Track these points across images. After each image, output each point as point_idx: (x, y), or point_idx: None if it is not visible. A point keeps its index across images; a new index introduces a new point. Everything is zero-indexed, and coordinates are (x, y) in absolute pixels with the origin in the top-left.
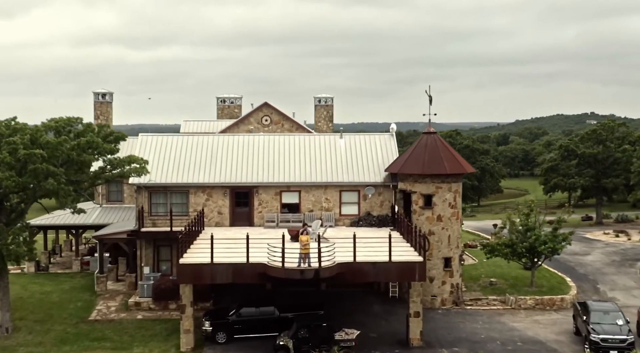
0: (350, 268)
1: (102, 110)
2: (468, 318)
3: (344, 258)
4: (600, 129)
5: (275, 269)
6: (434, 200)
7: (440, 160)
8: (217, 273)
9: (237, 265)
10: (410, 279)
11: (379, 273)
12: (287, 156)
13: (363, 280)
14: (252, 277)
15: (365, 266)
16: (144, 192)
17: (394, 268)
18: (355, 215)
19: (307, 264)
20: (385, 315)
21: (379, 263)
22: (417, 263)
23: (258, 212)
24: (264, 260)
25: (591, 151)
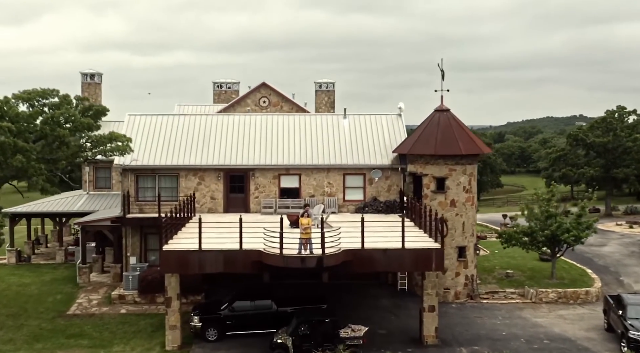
0: (358, 256)
1: (91, 92)
2: (485, 313)
3: (350, 245)
4: (610, 117)
5: (272, 257)
6: (447, 184)
7: (454, 140)
8: (206, 262)
9: (228, 253)
10: (426, 268)
11: (390, 262)
12: (286, 137)
13: (372, 269)
14: (245, 266)
15: (375, 253)
16: (130, 175)
17: (407, 256)
18: (360, 200)
19: (309, 251)
20: (395, 310)
21: (391, 250)
22: (433, 250)
23: (254, 197)
24: (259, 247)
25: (601, 140)
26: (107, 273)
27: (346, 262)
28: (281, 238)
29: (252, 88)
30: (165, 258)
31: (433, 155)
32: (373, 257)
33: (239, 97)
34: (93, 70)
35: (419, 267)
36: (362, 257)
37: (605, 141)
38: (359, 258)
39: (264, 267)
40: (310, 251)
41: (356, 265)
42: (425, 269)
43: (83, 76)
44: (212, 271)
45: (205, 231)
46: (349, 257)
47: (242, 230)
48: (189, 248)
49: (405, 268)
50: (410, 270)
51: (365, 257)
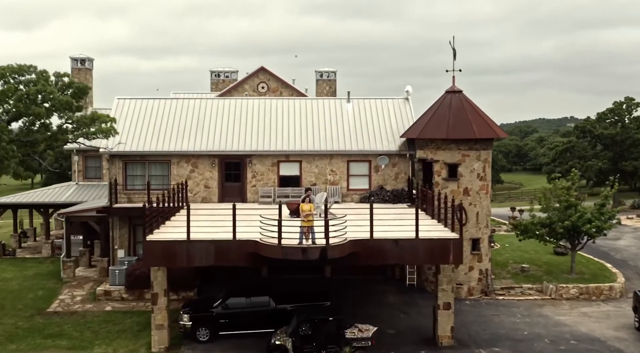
0: (366, 247)
1: (80, 78)
2: (503, 311)
3: (357, 235)
4: (618, 108)
5: (269, 248)
6: (460, 171)
7: (468, 123)
8: (195, 253)
9: (220, 243)
10: (443, 261)
11: (402, 254)
12: (286, 122)
13: (381, 262)
14: (240, 259)
15: (386, 244)
16: (117, 162)
17: (421, 248)
18: (366, 189)
19: (311, 241)
20: (404, 307)
21: (403, 240)
22: (451, 240)
23: (252, 185)
24: (255, 238)
25: (609, 132)
26: (95, 268)
27: (353, 254)
28: (280, 226)
29: (249, 73)
30: (149, 249)
31: (445, 140)
32: (383, 248)
33: (236, 83)
34: (83, 55)
35: (434, 260)
36: (370, 248)
37: (614, 133)
38: (367, 250)
39: (260, 259)
40: (313, 241)
41: (364, 257)
42: (441, 262)
43: (73, 61)
44: (202, 264)
45: (197, 221)
46: (356, 248)
47: (237, 219)
48: (176, 238)
49: (418, 260)
50: (425, 263)
51: (375, 248)
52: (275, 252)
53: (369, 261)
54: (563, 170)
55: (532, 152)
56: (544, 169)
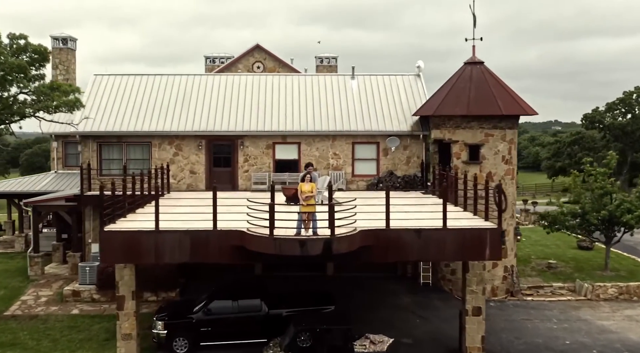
0: (381, 239)
1: (62, 59)
2: (534, 314)
3: (369, 224)
4: (628, 98)
5: (258, 240)
6: (483, 152)
7: (492, 98)
8: (166, 247)
9: (197, 234)
10: (477, 256)
11: (426, 248)
12: (282, 99)
13: (400, 258)
14: (222, 253)
15: (405, 235)
16: (91, 144)
17: (451, 240)
18: (373, 175)
19: (312, 231)
20: (420, 310)
21: (427, 231)
22: (487, 231)
23: (244, 171)
24: (242, 227)
25: (619, 122)
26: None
27: (364, 249)
28: (272, 212)
29: (244, 52)
30: (106, 242)
31: (465, 117)
32: (402, 240)
33: (229, 62)
34: (65, 34)
35: (466, 254)
36: (386, 241)
37: (625, 123)
38: (382, 243)
39: (248, 255)
40: (314, 232)
41: (377, 252)
42: (475, 257)
43: (54, 41)
44: (175, 260)
45: (176, 209)
46: (367, 240)
47: (225, 208)
48: (141, 228)
49: (446, 256)
50: (454, 258)
51: (392, 241)
52: (266, 246)
53: (383, 257)
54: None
55: (525, 150)
56: (544, 164)
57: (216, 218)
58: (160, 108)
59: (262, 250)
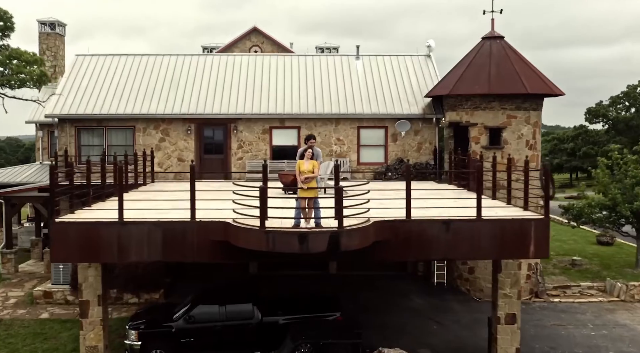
0: (400, 232)
1: (49, 44)
2: (566, 318)
3: (384, 214)
4: (632, 92)
5: (246, 233)
6: (505, 136)
7: (515, 75)
8: (132, 242)
9: (171, 226)
10: (520, 253)
11: (456, 243)
12: (280, 80)
13: (424, 255)
14: (201, 250)
15: (431, 228)
16: (68, 129)
17: (487, 233)
18: (381, 163)
19: (314, 223)
20: (436, 314)
21: (458, 222)
22: (532, 222)
23: (237, 158)
24: (228, 218)
25: (624, 116)
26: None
27: (379, 245)
28: (263, 197)
29: (240, 35)
30: (57, 235)
31: (485, 96)
32: (427, 234)
33: (224, 46)
34: (52, 18)
35: (505, 251)
36: (407, 235)
37: (629, 117)
38: (403, 237)
39: (235, 253)
40: (317, 223)
41: (396, 249)
42: (517, 255)
43: (41, 25)
44: (142, 258)
45: (154, 200)
46: (384, 234)
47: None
48: (101, 218)
49: (481, 253)
50: (489, 256)
51: (414, 235)
52: (256, 241)
53: (403, 255)
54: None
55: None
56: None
57: (194, 206)
58: (146, 89)
59: (251, 246)
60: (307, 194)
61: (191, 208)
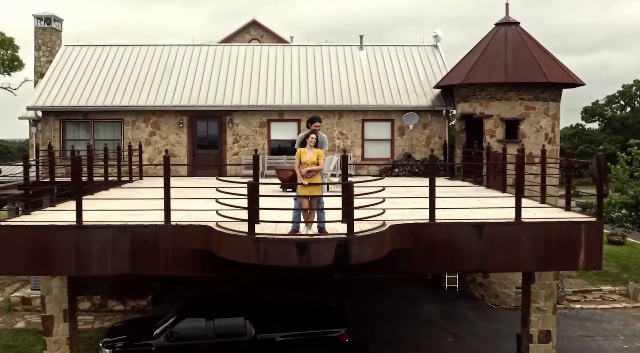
0: (424, 238)
1: (45, 39)
2: (592, 328)
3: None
4: (627, 91)
5: (231, 242)
6: (522, 129)
7: (534, 62)
8: (93, 251)
9: (140, 231)
10: (567, 264)
11: (491, 252)
12: (279, 71)
13: (452, 266)
14: (178, 261)
15: (461, 233)
16: (52, 122)
17: (529, 239)
18: (387, 158)
19: (318, 228)
20: (449, 324)
21: (493, 226)
22: (582, 225)
23: (233, 153)
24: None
25: (621, 115)
26: None
27: (397, 254)
28: (253, 195)
29: (239, 28)
30: (1, 241)
31: (502, 86)
32: (455, 240)
33: (222, 39)
34: (49, 13)
35: (551, 262)
36: (431, 241)
37: (625, 116)
38: (426, 243)
39: (217, 265)
40: (320, 228)
41: (418, 258)
42: (564, 265)
43: (37, 20)
44: (106, 272)
45: (135, 199)
46: (403, 240)
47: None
48: (56, 221)
49: (521, 263)
50: (532, 267)
51: (439, 241)
52: (243, 251)
53: (427, 266)
54: None
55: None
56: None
57: (169, 205)
58: (136, 80)
59: (237, 257)
60: (310, 192)
61: (165, 208)
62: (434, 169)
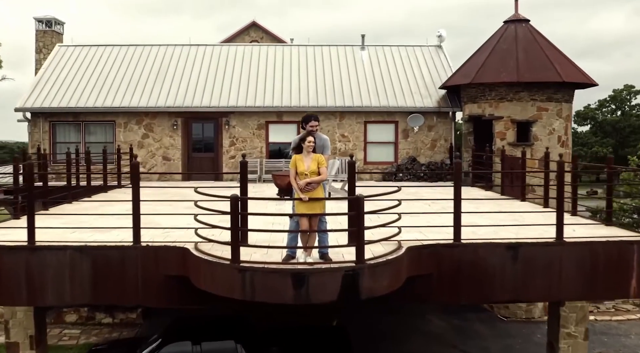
0: (447, 261)
1: (46, 42)
2: (609, 343)
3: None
4: (618, 95)
5: (210, 271)
6: (535, 132)
7: (547, 62)
8: (47, 277)
9: (103, 254)
10: (617, 292)
11: (528, 278)
12: (278, 71)
13: (482, 297)
14: (150, 290)
15: (492, 255)
16: (42, 124)
17: (572, 262)
18: (391, 162)
19: (319, 254)
20: (459, 340)
21: (531, 247)
22: (635, 245)
23: (229, 156)
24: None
25: (612, 118)
26: None
27: (415, 281)
28: (236, 213)
29: (238, 30)
30: None
31: (513, 86)
32: (485, 264)
33: (221, 41)
34: (49, 16)
35: (597, 289)
36: (456, 265)
37: (617, 119)
38: (449, 268)
39: (196, 297)
40: (322, 254)
41: (440, 286)
42: (613, 293)
43: (37, 23)
44: (65, 301)
45: (114, 209)
46: (422, 265)
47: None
48: (4, 241)
49: (563, 291)
50: (576, 295)
51: (466, 265)
52: (225, 283)
53: (451, 296)
54: None
55: None
56: None
57: (138, 222)
58: (130, 81)
59: (219, 291)
60: (309, 209)
61: (134, 225)
62: (459, 178)
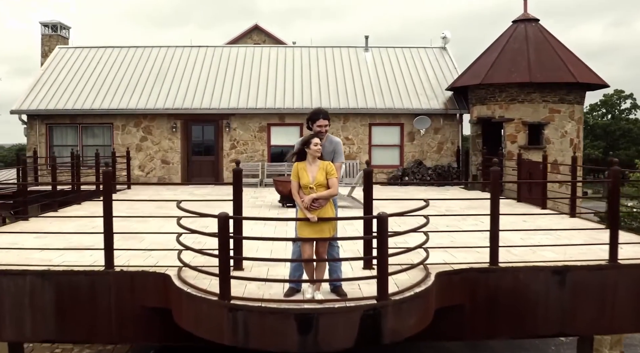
0: (483, 289)
1: (52, 46)
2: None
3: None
4: (608, 100)
5: (195, 307)
6: (547, 134)
7: (560, 62)
8: (4, 309)
9: (69, 279)
10: None
11: (576, 308)
12: (281, 73)
13: (520, 331)
14: (126, 325)
15: (536, 281)
16: (38, 126)
17: (628, 288)
18: (396, 166)
19: (330, 286)
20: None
21: (580, 271)
22: None
23: (230, 160)
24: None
25: (602, 121)
26: None
27: (446, 314)
28: (225, 237)
29: (241, 33)
30: None
31: (524, 86)
32: (528, 292)
33: (223, 44)
34: (55, 21)
35: None
36: (493, 293)
37: (608, 123)
38: (485, 297)
39: (179, 334)
40: (335, 287)
41: (473, 319)
42: None
43: (43, 27)
44: (26, 337)
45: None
46: (453, 294)
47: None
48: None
49: (616, 323)
50: (630, 328)
51: (504, 293)
52: (210, 324)
53: (488, 330)
54: None
55: None
56: None
57: (111, 243)
58: (128, 83)
59: (204, 334)
60: (316, 232)
61: (105, 247)
62: (497, 190)
